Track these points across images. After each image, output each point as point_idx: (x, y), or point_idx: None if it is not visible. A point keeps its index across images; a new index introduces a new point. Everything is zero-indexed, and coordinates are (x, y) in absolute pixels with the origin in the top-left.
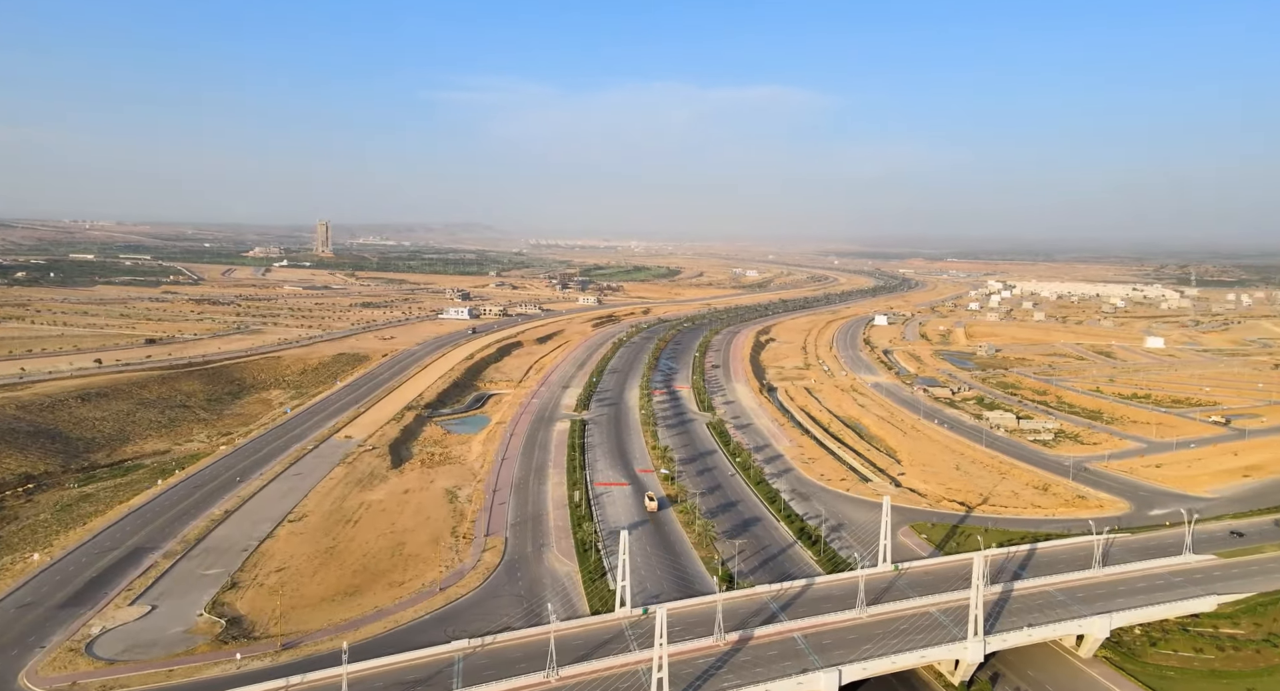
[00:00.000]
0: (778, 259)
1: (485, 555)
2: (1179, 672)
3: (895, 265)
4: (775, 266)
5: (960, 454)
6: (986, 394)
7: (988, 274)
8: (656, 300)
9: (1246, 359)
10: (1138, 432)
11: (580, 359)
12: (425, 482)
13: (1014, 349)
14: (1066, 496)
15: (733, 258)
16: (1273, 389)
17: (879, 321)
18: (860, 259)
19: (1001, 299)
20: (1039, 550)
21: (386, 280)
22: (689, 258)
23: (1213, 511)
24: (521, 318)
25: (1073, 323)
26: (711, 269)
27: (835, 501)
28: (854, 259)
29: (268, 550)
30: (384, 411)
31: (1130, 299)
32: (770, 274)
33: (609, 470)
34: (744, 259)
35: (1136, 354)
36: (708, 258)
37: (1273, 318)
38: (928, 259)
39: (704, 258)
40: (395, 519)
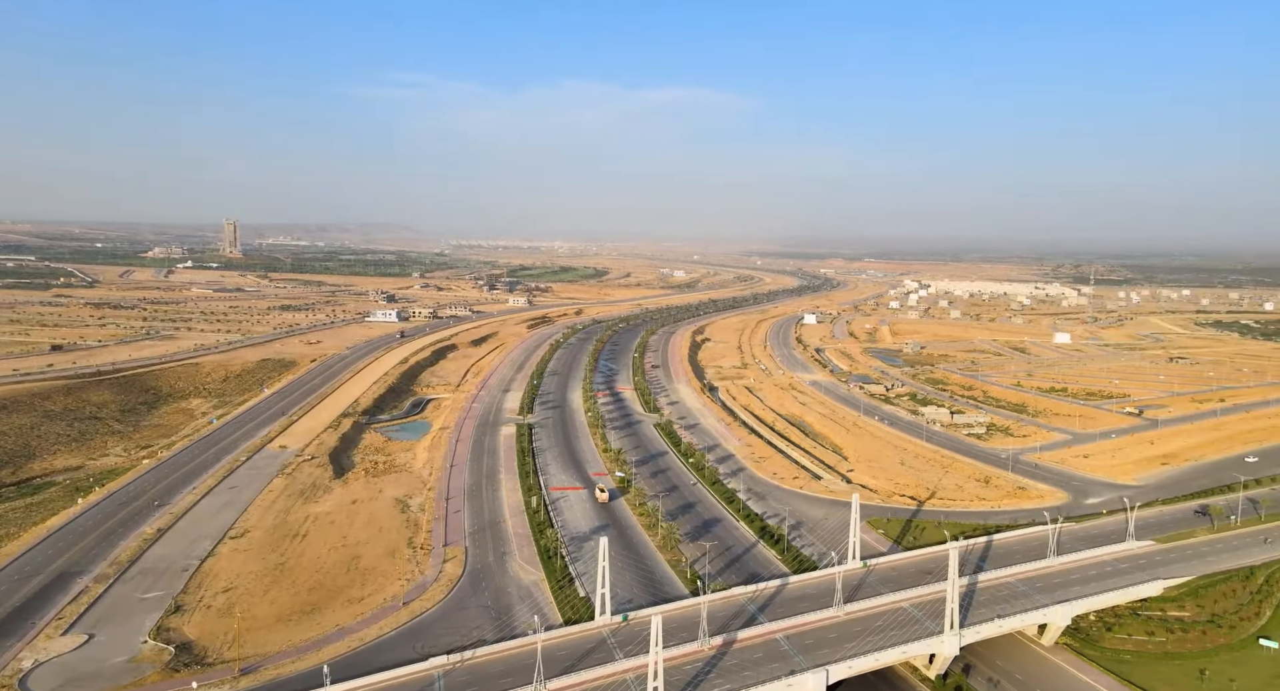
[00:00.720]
0: (702, 259)
1: (446, 566)
2: (1135, 656)
3: (816, 265)
4: (701, 267)
5: (903, 449)
6: (919, 390)
7: (903, 274)
8: (587, 301)
9: (1144, 353)
10: (1062, 424)
11: (518, 361)
12: (373, 492)
13: (937, 346)
14: (1008, 488)
15: (658, 258)
16: (1174, 381)
17: (808, 320)
18: (782, 259)
19: (919, 298)
20: (995, 542)
21: (303, 282)
22: (614, 258)
23: (1141, 498)
24: (453, 320)
25: (986, 320)
26: (638, 269)
27: (791, 499)
28: (776, 259)
29: (211, 569)
30: (319, 419)
31: (1034, 297)
32: (697, 274)
33: (562, 474)
34: (669, 259)
35: (1047, 349)
36: (633, 258)
37: (1160, 314)
38: (846, 259)
39: (629, 258)
40: (346, 531)
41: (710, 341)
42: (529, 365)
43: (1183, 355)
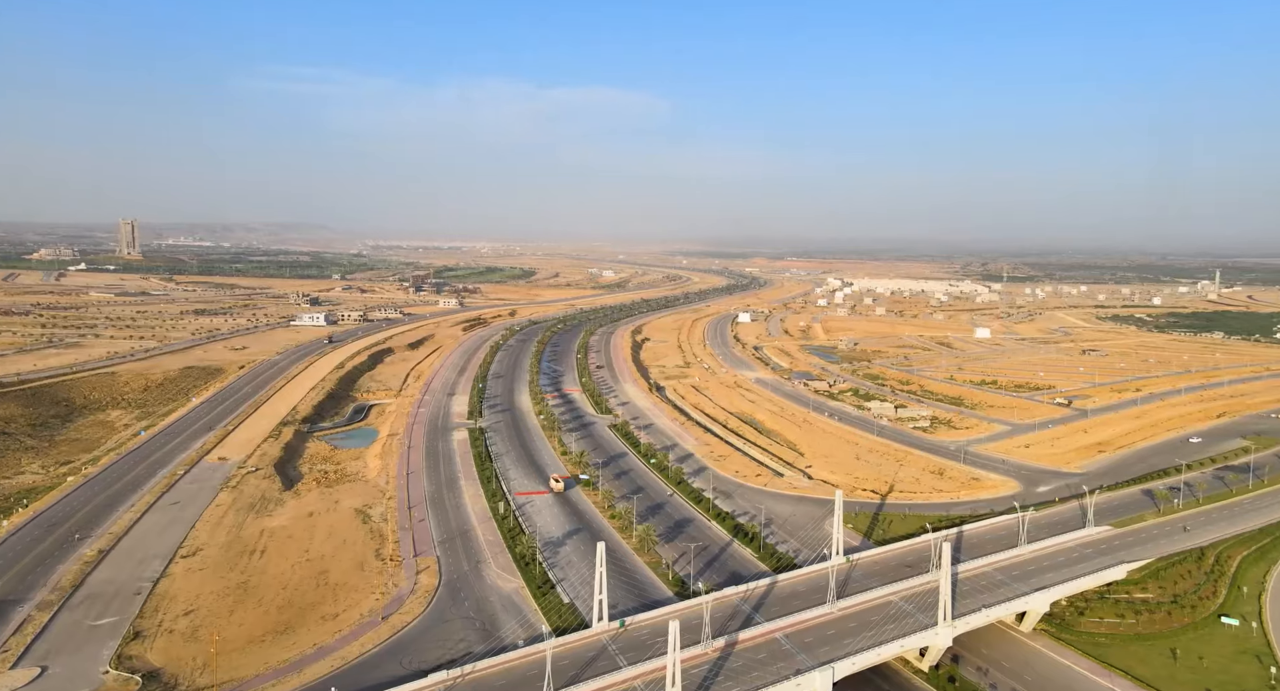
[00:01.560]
0: (628, 259)
1: (421, 577)
2: (1109, 638)
3: (740, 264)
4: (628, 266)
5: (855, 443)
6: (860, 386)
7: (825, 272)
8: (519, 301)
9: (1057, 346)
10: (1000, 416)
11: (459, 364)
12: (329, 504)
13: (869, 342)
14: (962, 479)
15: (584, 258)
16: (1094, 372)
17: (743, 319)
18: (707, 258)
19: (845, 296)
20: (965, 532)
21: (214, 285)
22: (540, 258)
23: (1087, 485)
24: (386, 322)
25: (909, 316)
26: (566, 269)
27: (757, 497)
28: (701, 258)
29: (166, 591)
30: (256, 428)
31: (950, 294)
32: (626, 274)
33: (524, 479)
34: (595, 259)
35: (970, 344)
36: (559, 258)
37: (1064, 308)
38: (769, 258)
39: (555, 258)
40: (307, 545)
41: (650, 341)
42: (471, 368)
43: (1093, 348)
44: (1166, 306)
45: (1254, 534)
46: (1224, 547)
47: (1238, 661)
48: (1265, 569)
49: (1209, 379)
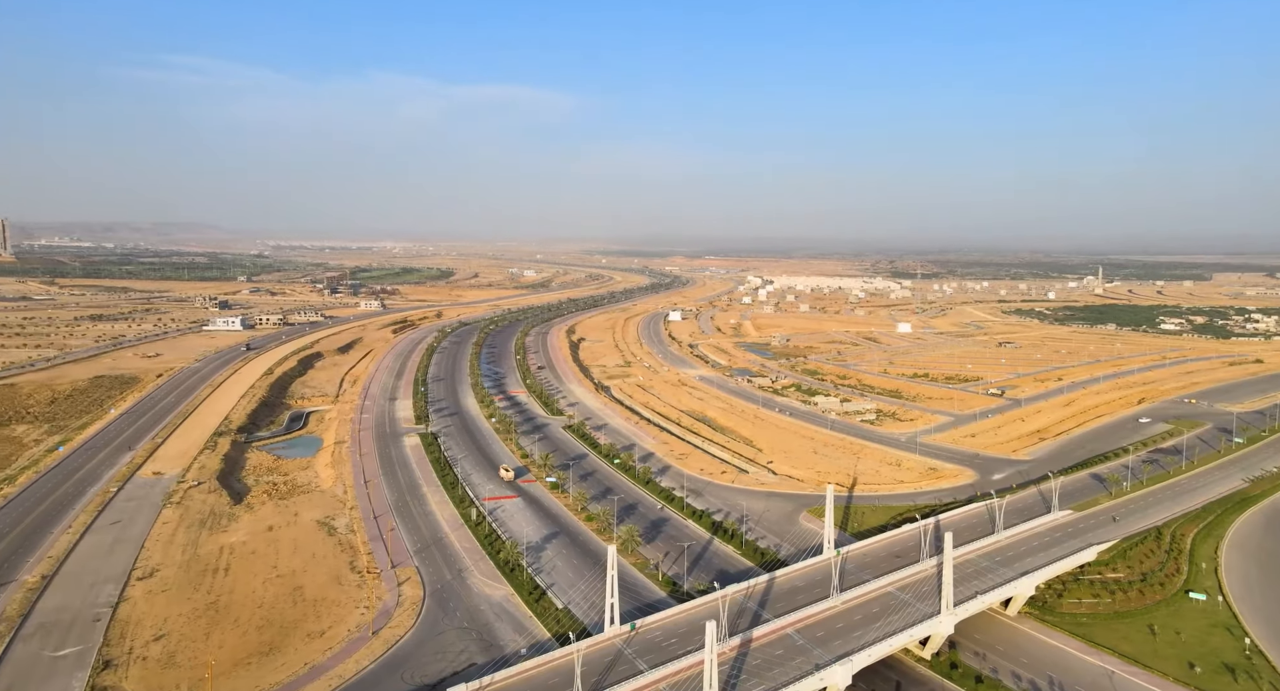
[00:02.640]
0: (546, 259)
1: (404, 589)
2: (1090, 617)
3: (660, 263)
4: (549, 266)
5: (810, 438)
6: (800, 381)
7: (743, 270)
8: (442, 302)
9: (973, 339)
10: (940, 407)
11: (394, 368)
12: (287, 517)
13: (799, 338)
14: (920, 470)
15: (502, 258)
16: (1015, 363)
17: (674, 317)
18: (626, 258)
19: (768, 293)
20: (942, 521)
21: (104, 288)
22: (456, 258)
23: (1037, 471)
24: (309, 326)
25: (832, 312)
26: (485, 269)
27: (727, 494)
28: (621, 258)
29: (129, 617)
30: (188, 440)
31: (867, 290)
32: (548, 273)
33: (487, 484)
34: (513, 259)
35: (893, 338)
36: (475, 258)
37: (971, 303)
38: (687, 257)
39: (471, 258)
40: (274, 561)
41: (586, 340)
42: (408, 371)
43: (1008, 340)
44: (1060, 301)
45: (1198, 512)
46: (1176, 526)
47: (1211, 634)
48: (1214, 545)
49: (1119, 368)
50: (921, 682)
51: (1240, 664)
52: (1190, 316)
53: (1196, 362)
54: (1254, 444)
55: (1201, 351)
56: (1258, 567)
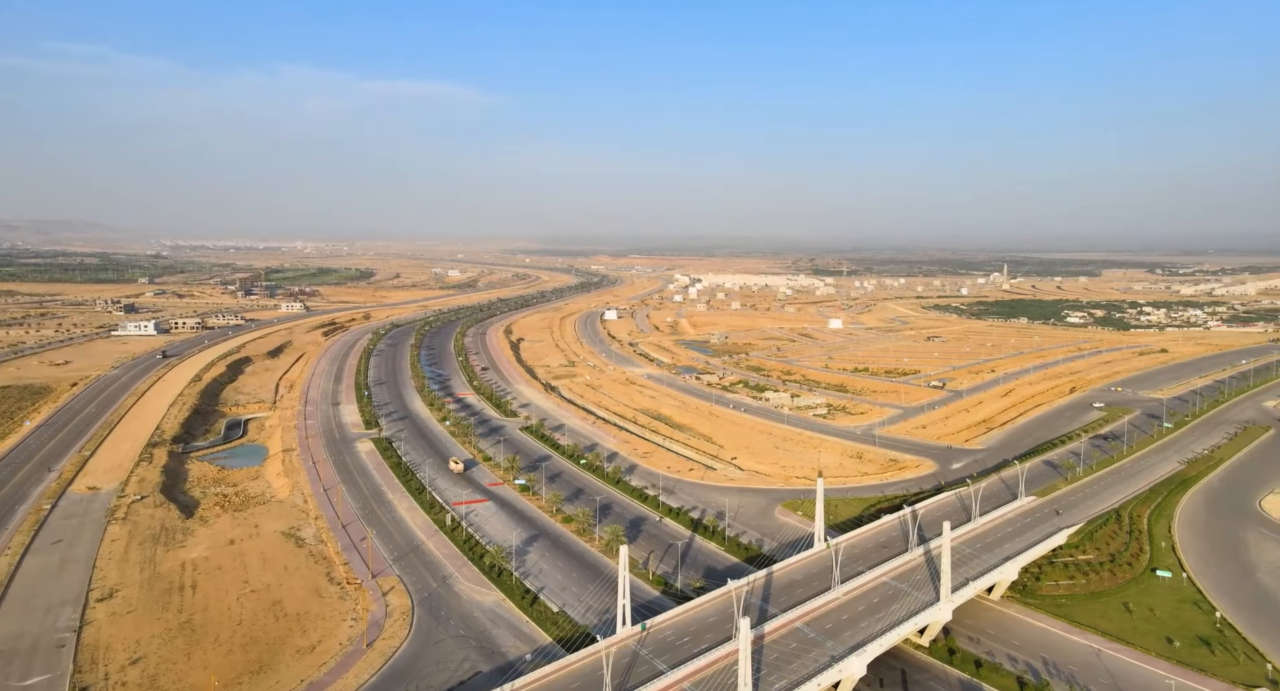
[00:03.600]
0: (468, 258)
1: (390, 598)
2: (1068, 599)
3: (585, 262)
4: (472, 266)
5: (769, 433)
6: (747, 378)
7: (669, 268)
8: (367, 304)
9: (900, 334)
10: (888, 400)
11: (331, 371)
12: (248, 529)
13: (736, 335)
14: (882, 461)
15: (422, 258)
16: (948, 356)
17: (610, 316)
18: (550, 257)
19: (698, 291)
20: (918, 510)
21: None
22: (374, 258)
23: (992, 459)
24: (232, 330)
25: (762, 310)
26: (406, 270)
27: (699, 491)
28: (544, 257)
29: (96, 641)
30: (119, 452)
31: (793, 288)
32: (473, 273)
33: (454, 488)
34: (434, 259)
35: (827, 334)
36: (394, 258)
37: (892, 300)
38: (612, 255)
39: (390, 258)
40: (245, 576)
41: (526, 340)
42: (347, 375)
43: (935, 335)
44: (973, 296)
45: (1147, 494)
46: (1131, 508)
47: (1181, 609)
48: (1166, 524)
49: (1043, 359)
50: (924, 669)
51: (1213, 636)
52: (1091, 310)
53: (1110, 353)
54: (1180, 428)
55: (1110, 343)
56: (1209, 544)
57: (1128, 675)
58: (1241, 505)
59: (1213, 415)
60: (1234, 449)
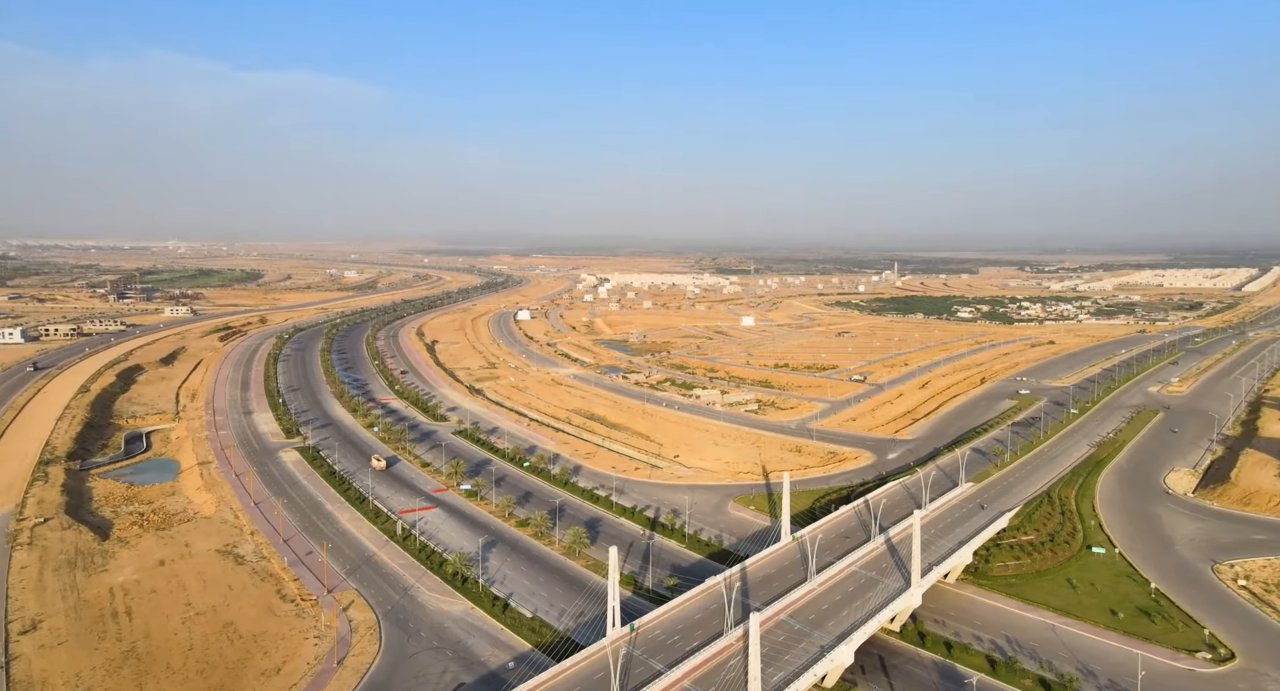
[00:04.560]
0: (362, 259)
1: (352, 613)
2: (1017, 579)
3: (486, 262)
4: (369, 267)
5: (706, 430)
6: (673, 376)
7: (573, 268)
8: (260, 307)
9: (810, 330)
10: (814, 394)
11: (236, 378)
12: (178, 549)
13: (654, 334)
14: (821, 454)
15: (311, 258)
16: (862, 351)
17: (523, 316)
18: (450, 257)
19: (608, 291)
20: (869, 500)
21: None
22: (259, 259)
23: (923, 449)
24: (113, 336)
25: (674, 308)
26: (298, 271)
27: (649, 490)
28: (444, 257)
29: (29, 676)
30: (6, 473)
31: (700, 286)
32: (370, 274)
33: (397, 496)
34: (325, 260)
35: (741, 331)
36: (281, 259)
37: (796, 297)
38: (514, 255)
39: (275, 259)
40: (185, 598)
41: (440, 342)
42: (255, 382)
43: (845, 331)
44: (870, 293)
45: (1069, 476)
46: (1058, 490)
47: (1119, 583)
48: (1090, 503)
49: (949, 352)
50: (899, 653)
51: (1150, 607)
52: (977, 305)
53: (1007, 345)
54: (1084, 414)
55: (1003, 336)
56: (1129, 521)
57: (1083, 647)
58: (1148, 483)
59: (1108, 401)
60: (1132, 431)
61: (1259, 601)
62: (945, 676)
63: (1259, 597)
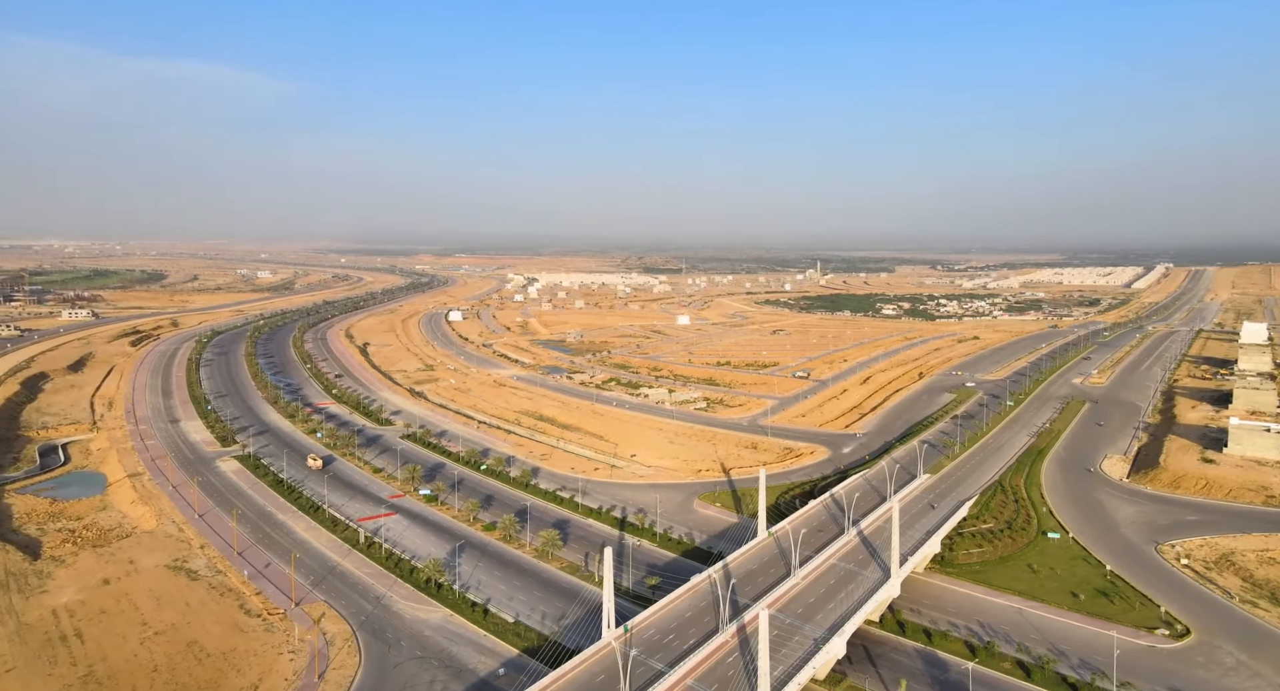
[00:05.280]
0: (273, 258)
1: (325, 625)
2: (981, 565)
3: (407, 262)
4: (283, 267)
5: (659, 429)
6: (617, 375)
7: (498, 268)
8: (168, 309)
9: (745, 328)
10: (761, 392)
11: (156, 385)
12: (121, 567)
13: (591, 333)
14: (778, 450)
15: (217, 258)
16: (801, 348)
17: (455, 317)
18: (367, 256)
19: (538, 291)
20: (835, 494)
21: None
22: (157, 259)
23: (874, 444)
24: (11, 342)
25: (606, 308)
26: (204, 271)
27: (613, 490)
28: (361, 257)
29: None
30: None
31: (630, 286)
32: (286, 275)
33: (352, 503)
34: (232, 259)
35: (677, 330)
36: (183, 258)
37: (726, 296)
38: (435, 255)
39: (176, 258)
40: (139, 617)
41: (372, 345)
42: (177, 389)
43: (779, 328)
44: (796, 291)
45: (1015, 465)
46: (1008, 478)
47: (1076, 566)
48: (1038, 491)
49: (884, 348)
50: (882, 642)
51: (1108, 588)
52: (899, 303)
53: (936, 340)
54: (1019, 405)
55: (930, 331)
56: (1075, 506)
57: (1050, 629)
58: (1086, 470)
59: (1038, 392)
60: (1065, 422)
61: (1202, 579)
62: (929, 663)
63: (1201, 575)
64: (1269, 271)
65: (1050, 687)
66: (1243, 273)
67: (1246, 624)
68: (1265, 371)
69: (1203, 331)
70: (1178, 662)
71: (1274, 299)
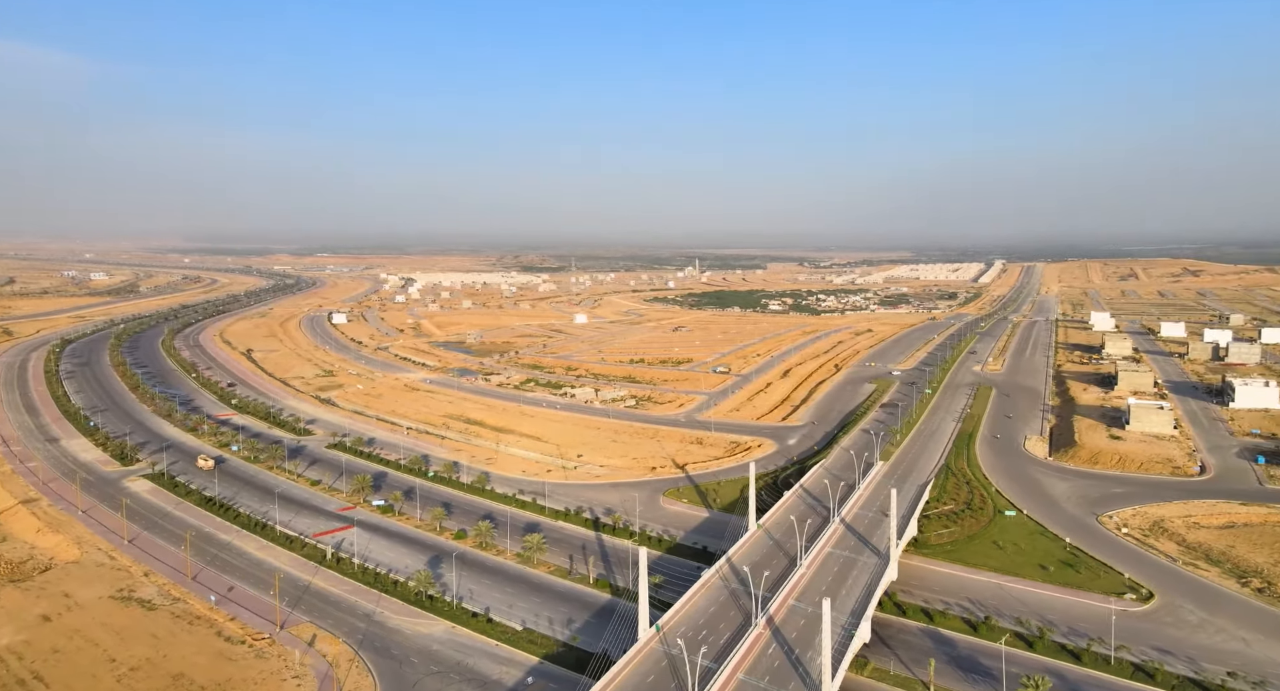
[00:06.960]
0: (102, 258)
1: (322, 646)
2: (953, 545)
3: (262, 262)
4: (117, 268)
5: (596, 428)
6: (534, 376)
7: (366, 268)
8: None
9: (644, 326)
10: (685, 388)
11: (14, 401)
12: (57, 603)
13: (490, 334)
14: (725, 445)
15: (32, 258)
16: (709, 344)
17: (339, 320)
18: (215, 256)
19: (419, 291)
20: (805, 484)
21: None
22: None
23: (815, 434)
24: None
25: (496, 307)
26: (22, 273)
27: (573, 491)
28: (208, 256)
29: None
30: None
31: (514, 285)
32: (126, 276)
33: (299, 518)
34: (50, 260)
35: (576, 329)
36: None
37: (613, 294)
38: (294, 254)
39: None
40: (102, 654)
41: (257, 351)
42: (43, 405)
43: (680, 325)
44: (680, 289)
45: (954, 449)
46: (951, 461)
47: (1036, 541)
48: (979, 472)
49: (791, 342)
50: (888, 624)
51: (1070, 559)
52: (782, 298)
53: (835, 334)
54: (936, 393)
55: (823, 326)
56: (1016, 485)
57: (1033, 601)
58: (1014, 451)
59: (948, 380)
60: (981, 406)
61: (1144, 545)
62: (937, 641)
63: (1142, 542)
64: (1085, 266)
65: (1055, 656)
66: (1065, 268)
67: (1196, 584)
68: (1128, 355)
69: (1060, 321)
70: (1151, 623)
71: (1095, 292)
